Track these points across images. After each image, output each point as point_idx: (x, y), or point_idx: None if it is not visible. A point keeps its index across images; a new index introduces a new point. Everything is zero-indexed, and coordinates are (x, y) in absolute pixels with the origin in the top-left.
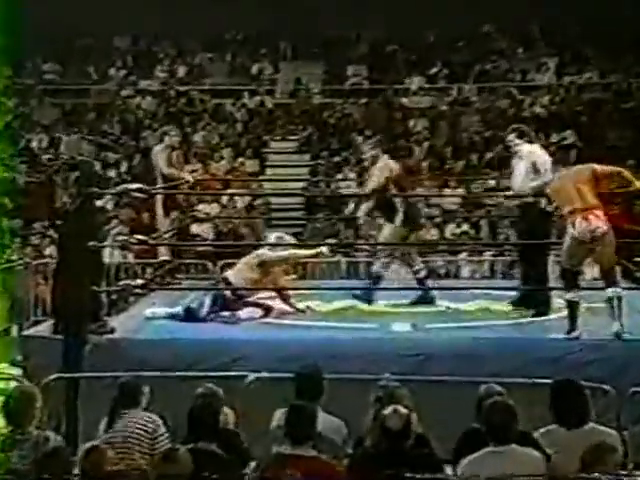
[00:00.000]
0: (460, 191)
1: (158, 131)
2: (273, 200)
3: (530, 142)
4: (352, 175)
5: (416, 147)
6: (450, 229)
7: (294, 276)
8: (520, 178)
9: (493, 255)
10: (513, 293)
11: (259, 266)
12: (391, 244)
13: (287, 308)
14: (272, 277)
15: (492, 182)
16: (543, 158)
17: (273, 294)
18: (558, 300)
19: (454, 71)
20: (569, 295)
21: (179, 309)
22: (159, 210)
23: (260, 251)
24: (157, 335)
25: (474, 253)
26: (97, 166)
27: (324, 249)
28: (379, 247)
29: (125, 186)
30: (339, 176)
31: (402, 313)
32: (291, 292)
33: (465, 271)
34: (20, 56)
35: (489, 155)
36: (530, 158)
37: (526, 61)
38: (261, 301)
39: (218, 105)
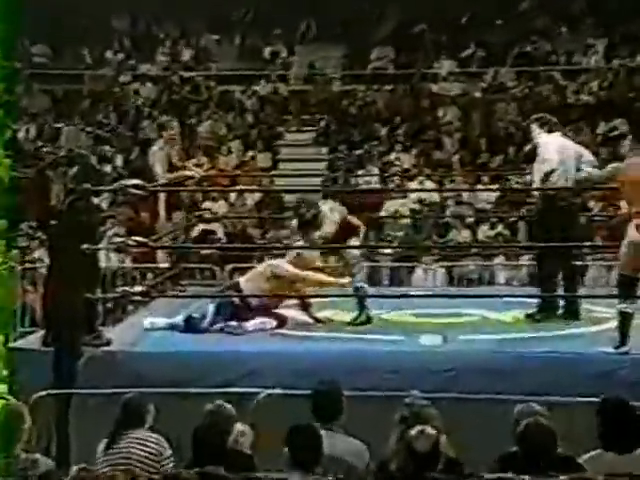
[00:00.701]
0: (494, 188)
1: (156, 122)
2: (286, 198)
3: (550, 131)
4: (375, 170)
5: (446, 139)
6: (483, 230)
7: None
8: (536, 173)
9: (532, 259)
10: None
11: (274, 278)
12: (416, 247)
13: (305, 318)
14: (289, 287)
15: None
16: (551, 146)
17: (291, 302)
18: (607, 310)
19: (489, 53)
20: (622, 305)
21: (179, 319)
22: (162, 210)
23: (275, 262)
24: (158, 347)
25: (510, 257)
26: (94, 160)
27: (346, 281)
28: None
29: (123, 182)
30: (360, 171)
31: (431, 324)
32: (312, 300)
33: (501, 277)
34: (6, 37)
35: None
36: (541, 149)
37: (571, 42)
38: (275, 310)
39: (226, 92)
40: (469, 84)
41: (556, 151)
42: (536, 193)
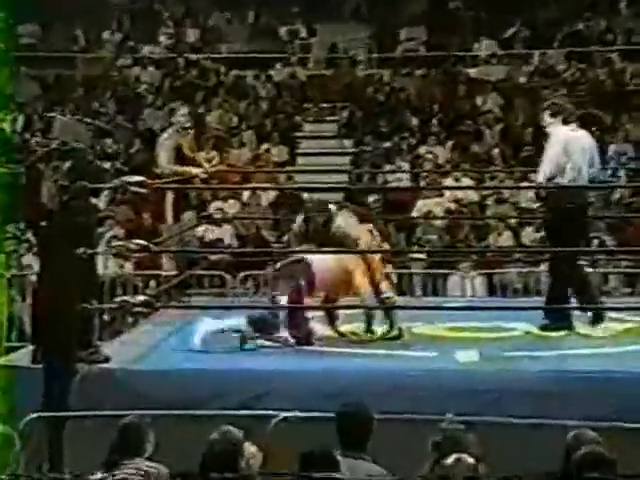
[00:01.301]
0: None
1: (163, 110)
2: (306, 196)
3: (565, 121)
4: (405, 165)
5: (486, 130)
6: (528, 233)
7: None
8: (542, 171)
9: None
10: (611, 314)
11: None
12: (451, 251)
13: (327, 332)
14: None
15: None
16: (560, 142)
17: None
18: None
19: (536, 33)
20: None
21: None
22: (169, 210)
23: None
24: (162, 365)
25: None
26: (93, 155)
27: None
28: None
29: (123, 179)
30: (389, 166)
31: (468, 339)
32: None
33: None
34: None
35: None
36: (549, 143)
37: (630, 19)
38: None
39: (237, 78)
40: (512, 68)
41: (564, 147)
42: (542, 194)
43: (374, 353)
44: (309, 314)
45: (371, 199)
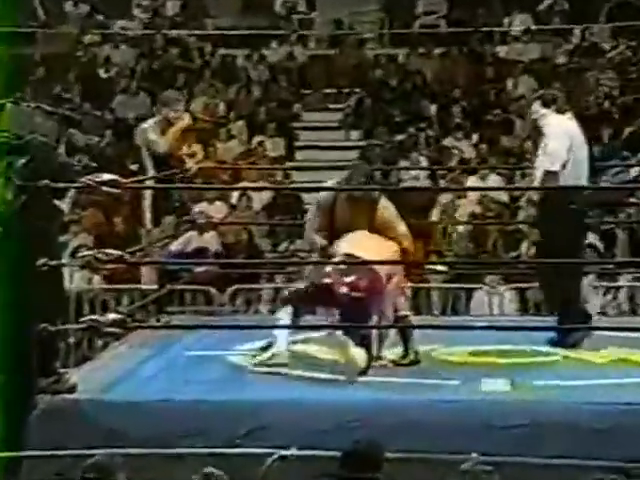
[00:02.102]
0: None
1: (138, 97)
2: (306, 197)
3: (559, 111)
4: (423, 161)
5: (517, 120)
6: None
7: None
8: (541, 159)
9: (635, 279)
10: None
11: None
12: (477, 262)
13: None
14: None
15: (635, 170)
16: (560, 132)
17: None
18: None
19: (576, 5)
20: None
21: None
22: (147, 214)
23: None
24: (137, 395)
25: (604, 276)
26: (55, 149)
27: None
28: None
29: (92, 177)
30: (404, 162)
31: (495, 364)
32: None
33: (592, 303)
34: None
35: (629, 130)
36: (547, 136)
37: None
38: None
39: (225, 58)
40: (550, 46)
41: (565, 138)
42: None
43: (385, 381)
44: None
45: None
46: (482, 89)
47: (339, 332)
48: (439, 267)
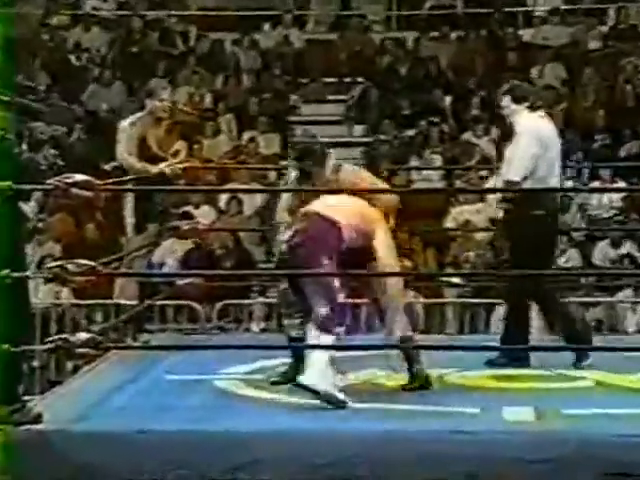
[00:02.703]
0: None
1: (113, 87)
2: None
3: (532, 108)
4: (436, 159)
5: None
6: (602, 250)
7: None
8: (505, 166)
9: None
10: None
11: None
12: (497, 274)
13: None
14: None
15: None
16: (532, 132)
17: None
18: None
19: None
20: None
21: None
22: (128, 220)
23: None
24: (111, 425)
25: None
26: (17, 145)
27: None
28: None
29: (60, 178)
30: (414, 161)
31: (518, 390)
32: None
33: (630, 321)
34: None
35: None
36: (518, 134)
37: None
38: None
39: (212, 43)
40: (580, 29)
41: (533, 142)
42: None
43: (391, 409)
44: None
45: None
46: (503, 78)
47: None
48: (455, 279)
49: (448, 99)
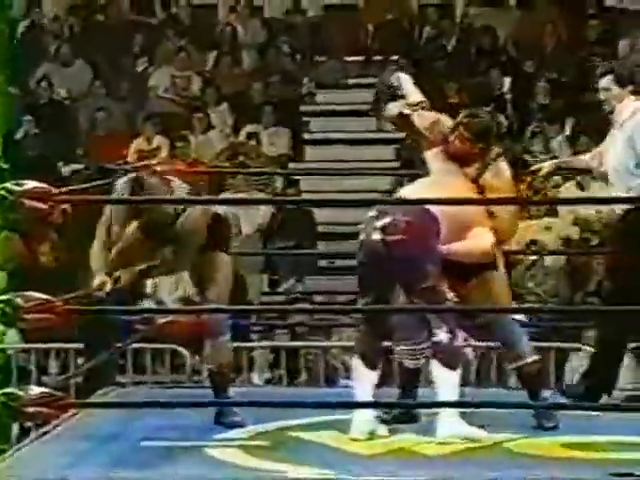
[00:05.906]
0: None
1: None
2: (319, 215)
3: (637, 92)
4: None
5: None
6: None
7: None
8: (616, 160)
9: None
10: None
11: None
12: (573, 309)
13: None
14: None
15: None
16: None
17: None
18: None
19: None
20: None
21: None
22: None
23: None
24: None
25: None
26: None
27: None
28: None
29: (8, 186)
30: None
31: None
32: None
33: None
34: None
35: None
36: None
37: None
38: None
39: (199, 10)
40: None
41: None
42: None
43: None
44: None
45: None
46: (581, 55)
47: None
48: (517, 316)
49: (507, 82)
